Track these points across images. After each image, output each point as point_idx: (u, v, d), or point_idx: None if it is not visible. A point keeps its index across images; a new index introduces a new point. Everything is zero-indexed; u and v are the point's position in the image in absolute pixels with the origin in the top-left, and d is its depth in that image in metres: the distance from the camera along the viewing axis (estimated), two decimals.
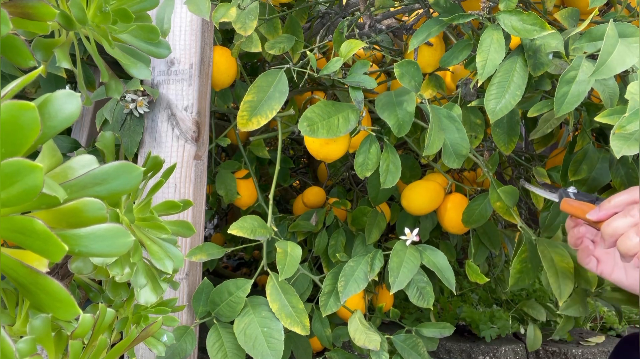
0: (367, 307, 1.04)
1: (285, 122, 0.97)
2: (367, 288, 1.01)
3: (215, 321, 0.77)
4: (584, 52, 0.67)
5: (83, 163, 0.26)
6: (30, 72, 0.24)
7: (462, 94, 0.88)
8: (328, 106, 0.75)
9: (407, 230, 0.85)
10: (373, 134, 0.79)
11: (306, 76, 0.78)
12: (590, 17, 0.66)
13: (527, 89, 0.72)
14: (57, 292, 0.24)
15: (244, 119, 0.74)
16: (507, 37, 0.70)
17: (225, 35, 1.08)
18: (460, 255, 1.48)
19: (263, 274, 0.81)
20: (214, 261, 1.25)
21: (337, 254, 0.98)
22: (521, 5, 0.84)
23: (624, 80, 0.71)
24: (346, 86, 0.79)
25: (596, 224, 0.63)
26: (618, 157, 0.58)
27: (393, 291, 0.79)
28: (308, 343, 1.03)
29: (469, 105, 0.85)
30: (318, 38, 1.05)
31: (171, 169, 0.45)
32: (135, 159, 0.80)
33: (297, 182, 1.63)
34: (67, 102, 0.24)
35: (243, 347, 0.73)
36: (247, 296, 0.77)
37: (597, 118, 0.62)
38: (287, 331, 0.75)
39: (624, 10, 0.76)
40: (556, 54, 0.71)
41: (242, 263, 2.09)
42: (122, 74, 0.58)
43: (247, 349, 0.73)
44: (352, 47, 0.75)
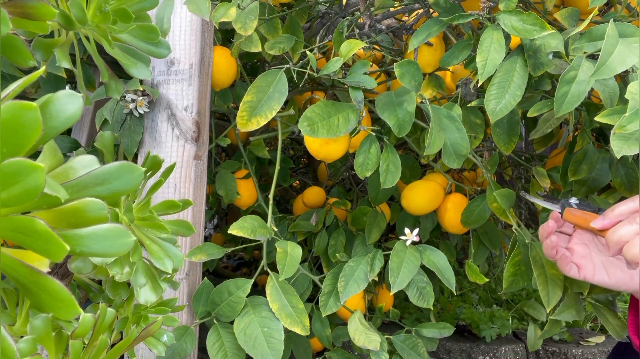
0: (367, 307, 1.04)
1: (285, 122, 0.97)
2: (367, 288, 1.01)
3: (215, 321, 0.77)
4: (584, 52, 0.67)
5: (84, 163, 0.26)
6: (30, 72, 0.24)
7: (462, 94, 0.88)
8: (328, 106, 0.75)
9: (407, 230, 0.85)
10: (373, 134, 0.79)
11: (306, 76, 0.78)
12: (590, 17, 0.66)
13: (527, 89, 0.72)
14: (58, 292, 0.24)
15: (244, 119, 0.74)
16: (507, 37, 0.70)
17: (225, 35, 1.08)
18: (460, 255, 1.48)
19: (263, 274, 0.81)
20: (214, 261, 1.25)
21: (337, 254, 0.98)
22: (521, 5, 0.84)
23: (624, 80, 0.71)
24: (346, 86, 0.79)
25: (601, 232, 0.63)
26: (618, 157, 0.58)
27: (393, 291, 0.79)
28: (308, 343, 1.03)
29: (469, 105, 0.85)
30: (318, 38, 1.05)
31: (170, 169, 0.45)
32: (135, 159, 0.80)
33: (297, 182, 1.63)
34: (69, 103, 0.24)
35: (243, 347, 0.73)
36: (247, 296, 0.77)
37: (597, 118, 0.62)
38: (287, 331, 0.75)
39: (624, 10, 0.76)
40: (556, 54, 0.71)
41: (242, 263, 2.09)
42: (122, 74, 0.58)
43: (247, 349, 0.73)
44: (352, 47, 0.75)
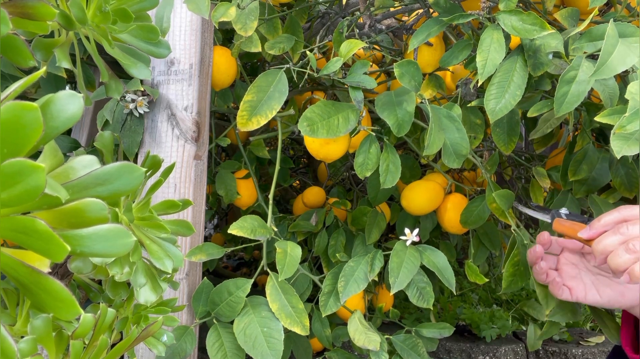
0: (367, 307, 1.04)
1: (285, 122, 0.97)
2: (367, 288, 1.01)
3: (215, 321, 0.77)
4: (584, 52, 0.67)
5: (84, 163, 0.26)
6: (30, 72, 0.24)
7: (462, 94, 0.88)
8: (328, 106, 0.75)
9: (407, 230, 0.85)
10: (373, 134, 0.79)
11: (306, 76, 0.78)
12: (590, 17, 0.66)
13: (527, 89, 0.72)
14: (58, 292, 0.24)
15: (244, 119, 0.74)
16: (507, 37, 0.70)
17: (225, 35, 1.08)
18: (460, 255, 1.48)
19: (263, 274, 0.81)
20: (214, 261, 1.25)
21: (337, 254, 0.98)
22: (521, 5, 0.84)
23: (624, 80, 0.71)
24: (346, 86, 0.79)
25: (588, 242, 0.65)
26: (618, 157, 0.58)
27: (393, 291, 0.79)
28: (308, 343, 1.03)
29: (469, 105, 0.85)
30: (318, 38, 1.05)
31: (170, 168, 0.45)
32: (135, 159, 0.80)
33: (297, 182, 1.63)
34: (69, 103, 0.24)
35: (243, 347, 0.73)
36: (247, 296, 0.77)
37: (597, 118, 0.62)
38: (287, 331, 0.75)
39: (624, 10, 0.76)
40: (556, 54, 0.71)
41: (242, 263, 2.09)
42: (122, 74, 0.57)
43: (247, 349, 0.73)
44: (352, 47, 0.75)
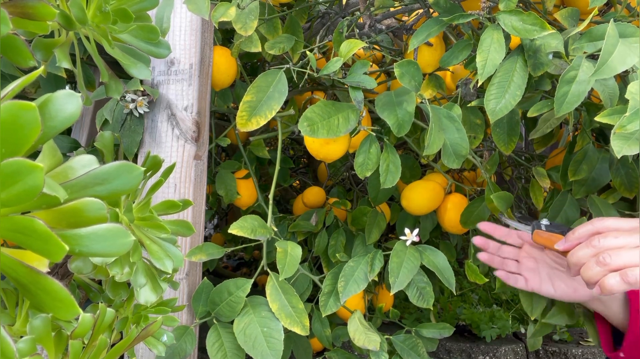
0: (367, 307, 1.04)
1: (285, 122, 0.97)
2: (367, 288, 1.01)
3: (215, 321, 0.77)
4: (584, 52, 0.67)
5: (83, 163, 0.26)
6: (30, 72, 0.24)
7: (462, 94, 0.88)
8: (328, 106, 0.75)
9: (407, 230, 0.85)
10: (373, 134, 0.79)
11: (306, 76, 0.78)
12: (589, 17, 0.66)
13: (527, 89, 0.72)
14: (57, 292, 0.24)
15: (244, 119, 0.74)
16: (507, 37, 0.70)
17: (225, 35, 1.08)
18: (460, 255, 1.48)
19: (263, 274, 0.81)
20: (214, 261, 1.25)
21: (337, 254, 0.98)
22: (521, 5, 0.84)
23: (624, 80, 0.71)
24: (346, 86, 0.79)
25: (564, 253, 0.68)
26: (618, 157, 0.58)
27: (393, 291, 0.79)
28: (308, 343, 1.03)
29: (469, 105, 0.85)
30: (318, 38, 1.05)
31: (170, 169, 0.45)
32: (135, 159, 0.80)
33: (297, 182, 1.63)
34: (68, 102, 0.24)
35: (243, 347, 0.73)
36: (247, 296, 0.77)
37: (598, 118, 0.62)
38: (287, 331, 0.75)
39: (624, 10, 0.76)
40: (556, 54, 0.71)
41: (242, 263, 2.09)
42: (122, 74, 0.57)
43: (247, 349, 0.73)
44: (352, 47, 0.75)
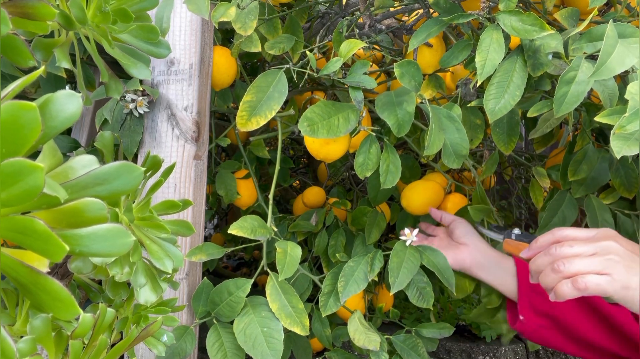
0: (367, 307, 1.04)
1: (285, 122, 0.97)
2: (367, 288, 1.01)
3: (215, 321, 0.77)
4: (584, 53, 0.67)
5: (84, 163, 0.26)
6: (30, 72, 0.24)
7: (462, 94, 0.88)
8: (328, 106, 0.75)
9: (407, 230, 0.85)
10: (373, 134, 0.79)
11: (306, 76, 0.78)
12: (589, 18, 0.66)
13: (527, 89, 0.72)
14: (58, 292, 0.24)
15: (243, 119, 0.74)
16: (507, 37, 0.70)
17: (225, 35, 1.08)
18: None
19: (263, 274, 0.81)
20: (214, 261, 1.25)
21: (337, 254, 0.98)
22: (521, 5, 0.84)
23: (624, 80, 0.71)
24: (346, 86, 0.79)
25: (528, 260, 0.71)
26: (618, 157, 0.58)
27: (393, 291, 0.79)
28: (308, 343, 1.03)
29: (469, 105, 0.85)
30: (318, 38, 1.05)
31: (170, 169, 0.45)
32: (135, 159, 0.80)
33: (297, 182, 1.63)
34: (68, 102, 0.24)
35: (243, 347, 0.73)
36: (247, 296, 0.77)
37: (597, 118, 0.62)
38: (287, 331, 0.75)
39: (624, 10, 0.76)
40: (556, 55, 0.71)
41: (242, 263, 2.09)
42: (122, 74, 0.58)
43: (247, 349, 0.73)
44: (352, 47, 0.75)
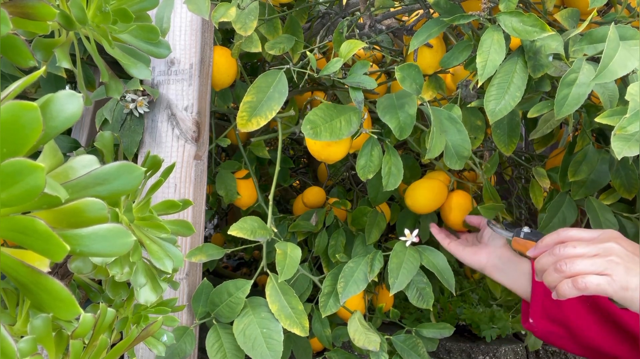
0: (367, 307, 1.04)
1: (285, 123, 0.97)
2: (367, 289, 1.01)
3: (214, 321, 0.77)
4: (584, 55, 0.67)
5: (84, 163, 0.26)
6: (30, 72, 0.24)
7: (463, 95, 0.88)
8: (330, 109, 0.75)
9: (407, 231, 0.85)
10: (375, 137, 0.79)
11: (306, 76, 0.78)
12: (589, 18, 0.66)
13: (527, 90, 0.72)
14: (58, 292, 0.24)
15: (244, 120, 0.74)
16: (507, 38, 0.70)
17: (225, 35, 1.08)
18: None
19: (263, 274, 0.81)
20: (214, 261, 1.25)
21: (337, 254, 0.98)
22: (521, 5, 0.84)
23: (624, 81, 0.71)
24: (346, 86, 0.79)
25: (534, 259, 0.73)
26: (619, 158, 0.58)
27: (393, 292, 0.79)
28: (308, 343, 1.03)
29: (469, 105, 0.85)
30: (318, 38, 1.05)
31: (170, 169, 0.45)
32: (135, 159, 0.80)
33: (297, 182, 1.63)
34: (69, 103, 0.24)
35: (242, 348, 0.73)
36: (247, 296, 0.77)
37: (598, 119, 0.62)
38: (287, 331, 0.75)
39: (625, 10, 0.76)
40: (556, 56, 0.71)
41: (242, 263, 2.09)
42: (122, 74, 0.58)
43: (246, 349, 0.73)
44: (352, 47, 0.75)
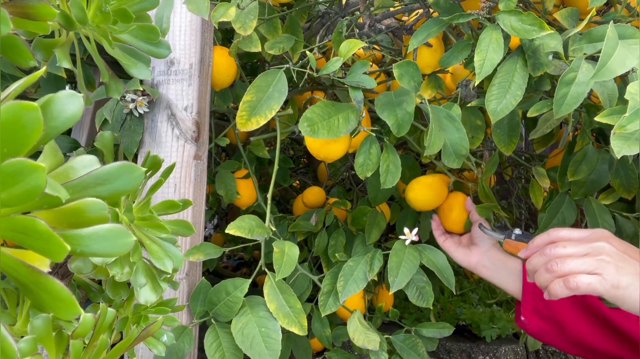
0: (367, 307, 1.04)
1: (285, 122, 0.97)
2: (367, 288, 1.01)
3: (213, 320, 0.77)
4: (584, 53, 0.68)
5: (84, 163, 0.26)
6: (30, 72, 0.24)
7: (462, 95, 0.88)
8: (328, 106, 0.75)
9: (407, 230, 0.85)
10: (373, 135, 0.79)
11: (306, 76, 0.78)
12: (588, 18, 0.66)
13: (527, 89, 0.72)
14: (58, 292, 0.24)
15: (243, 119, 0.74)
16: (507, 38, 0.70)
17: (225, 35, 1.08)
18: None
19: (263, 274, 0.81)
20: (214, 261, 1.25)
21: (337, 254, 0.98)
22: (521, 5, 0.84)
23: (624, 80, 0.71)
24: (346, 86, 0.79)
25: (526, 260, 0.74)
26: (618, 157, 0.58)
27: (392, 290, 0.79)
28: (308, 343, 1.03)
29: (469, 105, 0.85)
30: (318, 38, 1.05)
31: (170, 169, 0.45)
32: (135, 159, 0.80)
33: (297, 182, 1.63)
34: (69, 103, 0.24)
35: (240, 347, 0.73)
36: (246, 295, 0.77)
37: (597, 118, 0.62)
38: (287, 331, 0.75)
39: (624, 10, 0.76)
40: (555, 55, 0.71)
41: (242, 263, 2.09)
42: (122, 74, 0.58)
43: (245, 349, 0.73)
44: (352, 47, 0.75)
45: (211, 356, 0.74)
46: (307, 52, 0.76)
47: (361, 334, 0.80)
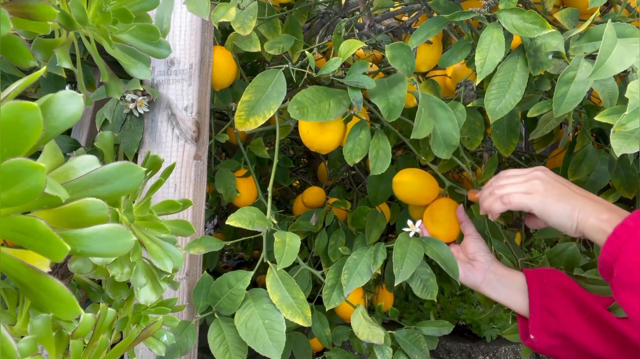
0: (367, 307, 1.04)
1: (283, 118, 0.97)
2: (367, 288, 1.01)
3: (216, 315, 0.76)
4: (584, 52, 0.68)
5: (84, 163, 0.26)
6: (30, 72, 0.24)
7: (463, 96, 0.88)
8: (320, 91, 0.74)
9: (410, 222, 0.84)
10: (364, 119, 0.79)
11: (305, 76, 0.78)
12: (591, 18, 0.66)
13: (527, 89, 0.72)
14: (59, 292, 0.24)
15: (242, 119, 0.74)
16: (508, 37, 0.70)
17: (225, 35, 1.08)
18: None
19: (263, 274, 0.81)
20: (214, 260, 1.25)
21: (340, 247, 0.97)
22: (521, 5, 0.84)
23: (624, 80, 0.71)
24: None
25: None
26: (618, 155, 0.58)
27: (398, 281, 0.77)
28: (308, 343, 1.03)
29: (468, 105, 0.85)
30: (317, 38, 1.05)
31: (170, 168, 0.45)
32: (135, 159, 0.80)
33: (297, 182, 1.63)
34: (70, 103, 0.24)
35: (244, 340, 0.72)
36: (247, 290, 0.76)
37: (597, 117, 0.62)
38: (287, 330, 0.75)
39: (624, 10, 0.76)
40: (556, 54, 0.71)
41: (243, 263, 2.09)
42: (122, 74, 0.58)
43: (249, 341, 0.72)
44: (351, 47, 0.75)
45: (215, 350, 0.73)
46: (307, 52, 0.76)
47: (366, 328, 0.80)
